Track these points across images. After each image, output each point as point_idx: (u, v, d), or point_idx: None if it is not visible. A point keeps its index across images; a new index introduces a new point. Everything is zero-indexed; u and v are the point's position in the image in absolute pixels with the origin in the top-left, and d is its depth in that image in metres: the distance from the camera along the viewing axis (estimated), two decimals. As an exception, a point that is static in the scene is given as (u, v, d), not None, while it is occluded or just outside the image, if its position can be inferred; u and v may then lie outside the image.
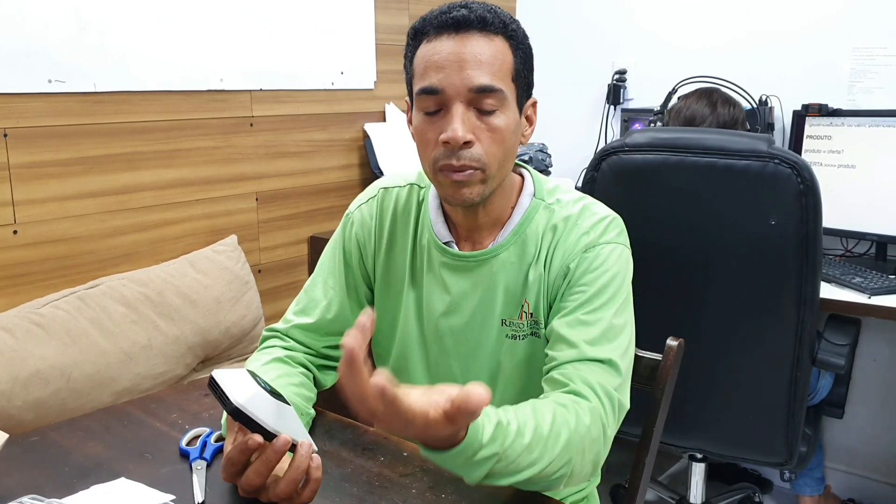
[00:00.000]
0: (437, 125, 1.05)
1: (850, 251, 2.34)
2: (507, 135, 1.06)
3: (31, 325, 1.61)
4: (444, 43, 1.03)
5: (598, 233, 1.12)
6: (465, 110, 1.03)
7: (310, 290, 1.26)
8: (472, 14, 1.03)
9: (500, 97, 1.04)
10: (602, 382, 1.02)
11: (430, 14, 1.07)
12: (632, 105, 2.82)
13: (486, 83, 1.02)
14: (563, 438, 0.93)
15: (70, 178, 1.80)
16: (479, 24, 1.03)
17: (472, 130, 1.03)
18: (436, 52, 1.04)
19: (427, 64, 1.04)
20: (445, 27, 1.04)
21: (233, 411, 0.88)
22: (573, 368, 1.03)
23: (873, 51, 2.33)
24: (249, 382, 0.93)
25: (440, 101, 1.04)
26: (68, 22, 1.75)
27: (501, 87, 1.04)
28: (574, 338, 1.05)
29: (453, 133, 1.02)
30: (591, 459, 0.99)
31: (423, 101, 1.05)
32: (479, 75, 1.02)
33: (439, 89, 1.03)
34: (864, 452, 2.49)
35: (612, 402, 1.02)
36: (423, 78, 1.05)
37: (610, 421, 1.01)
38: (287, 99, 2.26)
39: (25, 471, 1.03)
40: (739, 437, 1.80)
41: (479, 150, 1.04)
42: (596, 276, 1.09)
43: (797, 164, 1.54)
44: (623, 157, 1.69)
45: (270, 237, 2.28)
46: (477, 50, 1.03)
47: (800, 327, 1.64)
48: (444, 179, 1.06)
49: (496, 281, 1.14)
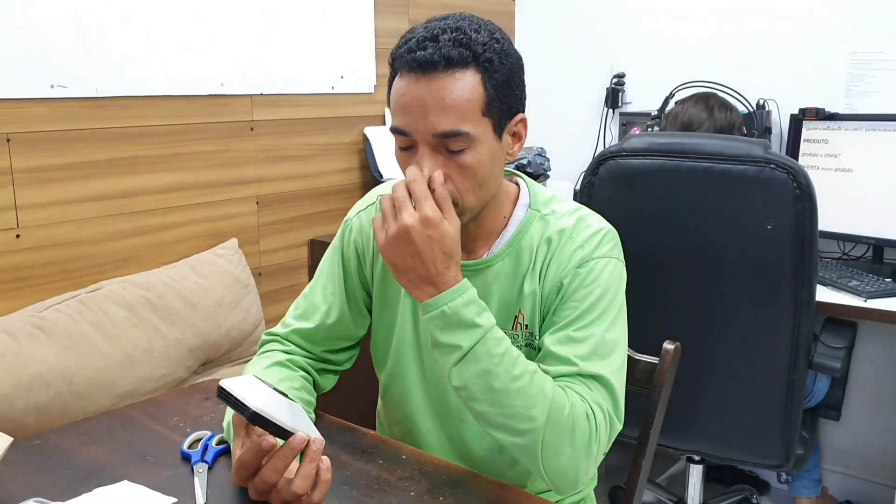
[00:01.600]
0: (410, 160, 1.05)
1: (848, 254, 2.35)
2: (480, 169, 1.05)
3: (32, 329, 1.63)
4: (410, 85, 1.02)
5: (593, 247, 1.12)
6: (432, 153, 1.03)
7: (309, 295, 1.26)
8: (436, 54, 1.00)
9: (466, 139, 1.02)
10: (595, 398, 1.04)
11: (403, 43, 1.05)
12: (630, 109, 2.83)
13: (450, 128, 1.01)
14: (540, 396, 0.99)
15: (72, 183, 1.81)
16: (444, 64, 1.00)
17: (443, 168, 1.03)
18: (403, 94, 1.03)
19: (396, 104, 1.04)
20: (409, 67, 1.02)
21: (251, 417, 0.90)
22: (564, 384, 1.04)
23: (870, 55, 2.34)
24: (260, 386, 0.95)
25: (408, 141, 1.04)
26: (70, 28, 1.76)
27: (467, 129, 1.01)
28: (563, 355, 1.06)
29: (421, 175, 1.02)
30: (568, 449, 1.00)
31: (397, 137, 1.06)
32: (443, 121, 1.00)
33: (406, 132, 1.03)
34: (861, 454, 2.50)
35: (605, 414, 1.04)
36: (394, 116, 1.05)
37: (601, 429, 1.03)
38: (287, 103, 2.27)
39: (29, 474, 1.05)
40: (736, 439, 1.81)
41: (452, 185, 1.04)
42: (588, 292, 1.09)
43: (793, 169, 1.55)
44: (620, 162, 1.70)
45: (271, 240, 2.29)
46: (441, 94, 1.00)
47: (796, 330, 1.65)
48: None
49: (490, 291, 1.14)
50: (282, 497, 0.92)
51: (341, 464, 1.07)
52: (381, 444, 1.14)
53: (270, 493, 0.93)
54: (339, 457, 1.09)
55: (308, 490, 0.91)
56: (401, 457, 1.10)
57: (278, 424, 0.91)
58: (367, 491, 1.01)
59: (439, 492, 1.01)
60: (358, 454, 1.10)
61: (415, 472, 1.06)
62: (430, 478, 1.05)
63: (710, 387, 1.77)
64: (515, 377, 0.99)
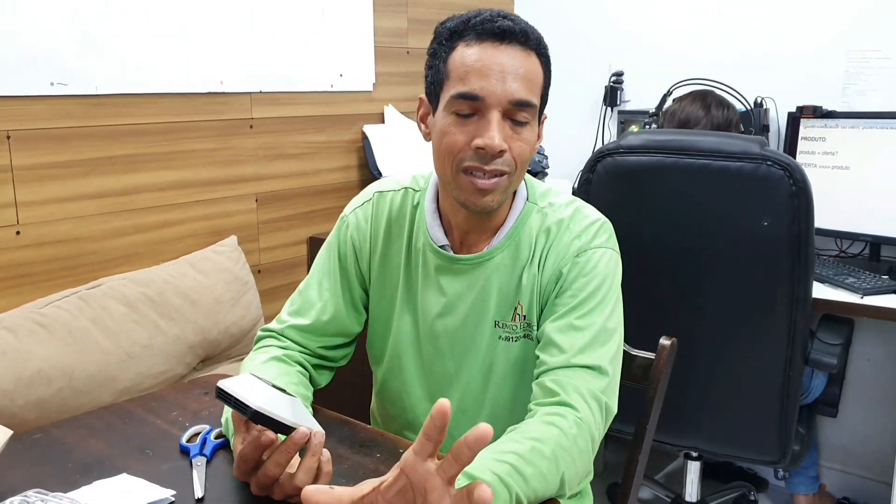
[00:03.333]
0: (469, 129, 1.06)
1: (845, 252, 2.36)
2: (532, 147, 1.10)
3: (33, 325, 1.63)
4: (487, 51, 1.05)
5: (590, 236, 1.14)
6: (502, 120, 1.06)
7: (304, 291, 1.27)
8: (516, 27, 1.06)
9: (532, 112, 1.08)
10: (591, 388, 1.05)
11: (469, 17, 1.08)
12: (628, 107, 2.84)
13: (525, 97, 1.06)
14: (560, 462, 0.96)
15: (72, 180, 1.82)
16: (521, 38, 1.06)
17: (506, 140, 1.06)
18: (479, 59, 1.05)
19: (468, 69, 1.05)
20: (488, 35, 1.06)
21: (253, 415, 0.90)
22: (563, 375, 1.05)
23: (867, 53, 2.35)
24: (259, 384, 0.95)
25: (477, 108, 1.06)
26: (69, 26, 1.77)
27: (535, 102, 1.08)
28: (565, 343, 1.08)
29: (491, 141, 1.04)
30: (582, 468, 1.02)
31: (458, 104, 1.06)
32: (520, 89, 1.05)
33: (480, 97, 1.04)
34: (859, 451, 2.51)
35: (601, 406, 1.05)
36: (462, 82, 1.06)
37: (599, 426, 1.05)
38: (286, 101, 2.28)
39: (29, 467, 1.05)
40: (733, 435, 1.81)
41: (509, 157, 1.07)
42: (587, 281, 1.12)
43: (789, 166, 1.56)
44: (618, 159, 1.71)
45: (270, 238, 2.30)
46: (518, 63, 1.06)
47: (792, 327, 1.66)
48: (469, 185, 1.08)
49: (490, 283, 1.16)
50: (284, 491, 0.92)
51: (339, 457, 1.07)
52: (379, 438, 1.14)
53: (273, 487, 0.93)
54: (337, 450, 1.09)
55: (310, 483, 0.92)
56: (398, 450, 1.10)
57: (280, 421, 0.91)
58: (364, 484, 1.01)
59: (436, 485, 1.02)
60: (356, 448, 1.11)
61: (412, 465, 1.07)
62: (427, 471, 1.05)
63: (706, 383, 1.77)
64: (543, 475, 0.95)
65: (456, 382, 1.21)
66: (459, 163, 1.07)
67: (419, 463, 0.76)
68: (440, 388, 1.22)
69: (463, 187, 1.09)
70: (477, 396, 1.20)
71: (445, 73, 1.09)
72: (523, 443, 0.95)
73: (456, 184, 1.10)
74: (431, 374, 1.22)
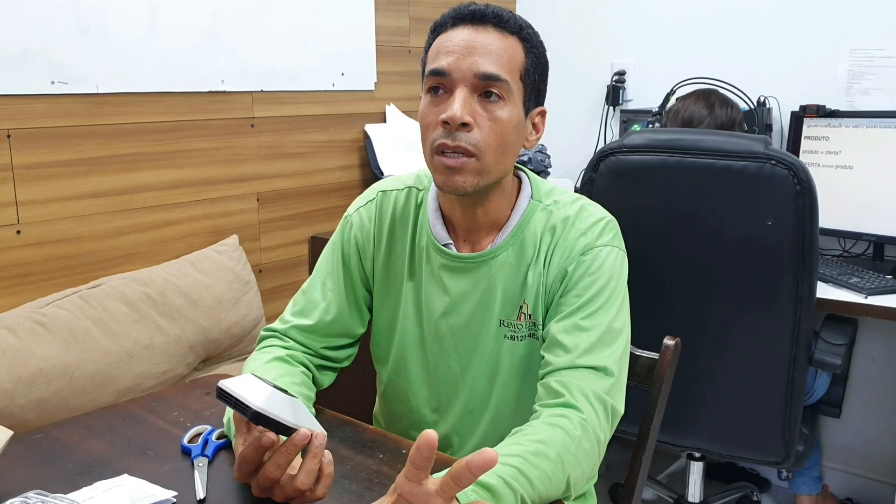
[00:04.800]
0: (439, 107, 1.07)
1: (848, 251, 2.35)
2: (508, 128, 1.08)
3: (33, 325, 1.63)
4: (459, 32, 1.08)
5: (596, 234, 1.13)
6: (469, 95, 1.06)
7: (308, 291, 1.26)
8: (488, 9, 1.08)
9: (504, 87, 1.06)
10: (596, 390, 1.04)
11: (450, 9, 1.11)
12: (631, 106, 2.83)
13: (492, 71, 1.05)
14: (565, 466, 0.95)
15: (72, 179, 1.81)
16: (494, 20, 1.07)
17: (473, 115, 1.05)
18: (449, 40, 1.08)
19: (439, 50, 1.08)
20: (462, 19, 1.09)
21: (254, 416, 0.89)
22: (568, 377, 1.04)
23: (870, 52, 2.34)
24: (259, 385, 0.94)
25: (445, 84, 1.07)
26: (70, 24, 1.76)
27: (507, 78, 1.06)
28: (570, 344, 1.07)
29: (452, 112, 1.04)
30: (588, 470, 1.00)
31: (429, 81, 1.08)
32: (486, 63, 1.05)
33: (446, 72, 1.06)
34: (862, 452, 2.50)
35: (606, 407, 1.04)
36: (433, 62, 1.08)
37: (604, 428, 1.04)
38: (288, 100, 2.27)
39: (29, 468, 1.05)
40: (736, 435, 1.81)
41: (478, 136, 1.05)
42: (593, 280, 1.10)
43: (793, 165, 1.55)
44: (621, 158, 1.70)
45: (271, 237, 2.29)
46: (489, 41, 1.06)
47: (796, 327, 1.65)
48: (439, 164, 1.08)
49: (495, 282, 1.15)
50: (285, 493, 0.91)
51: (342, 458, 1.07)
52: (382, 439, 1.14)
53: (273, 489, 0.92)
54: (340, 451, 1.09)
55: (311, 485, 0.91)
56: (401, 451, 1.10)
57: (281, 422, 0.90)
58: (367, 485, 1.01)
59: (439, 486, 1.01)
60: (358, 448, 1.10)
61: (415, 466, 1.06)
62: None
63: (710, 383, 1.77)
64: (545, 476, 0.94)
65: (461, 382, 1.20)
66: (432, 143, 1.08)
67: (416, 486, 0.76)
68: (445, 388, 1.21)
69: (436, 168, 1.09)
70: (482, 396, 1.19)
71: (425, 60, 1.12)
72: (528, 445, 0.94)
73: (431, 166, 1.10)
74: (437, 374, 1.21)
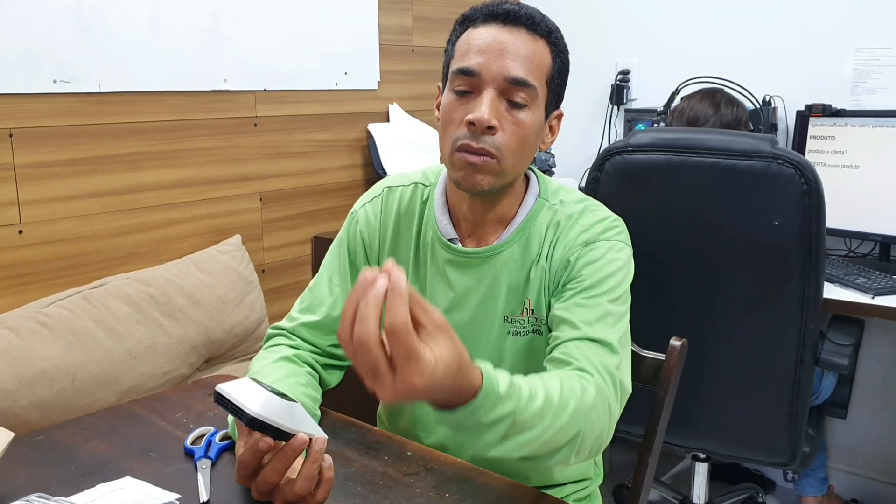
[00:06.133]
0: (465, 106, 1.07)
1: (854, 251, 2.34)
2: (530, 132, 1.08)
3: (35, 325, 1.62)
4: (490, 30, 1.07)
5: (599, 230, 1.13)
6: (496, 97, 1.05)
7: (315, 288, 1.26)
8: (521, 10, 1.07)
9: (531, 93, 1.06)
10: (603, 362, 1.02)
11: (481, 4, 1.10)
12: (635, 105, 2.82)
13: (522, 76, 1.05)
14: (571, 407, 0.92)
15: (75, 178, 1.81)
16: (527, 21, 1.07)
17: (498, 118, 1.05)
18: (480, 38, 1.07)
19: (469, 46, 1.07)
20: (494, 17, 1.08)
21: (250, 422, 0.88)
22: (574, 347, 1.03)
23: (877, 51, 2.33)
24: (257, 389, 0.92)
25: (473, 84, 1.06)
26: (72, 23, 1.75)
27: (535, 84, 1.06)
28: (574, 318, 1.06)
29: (480, 115, 1.04)
30: (597, 435, 0.98)
31: (457, 80, 1.08)
32: (517, 67, 1.05)
33: (476, 72, 1.05)
34: (867, 453, 2.49)
35: (614, 380, 1.02)
36: (462, 59, 1.07)
37: (613, 398, 1.01)
38: (291, 99, 2.26)
39: (31, 469, 1.04)
40: (742, 436, 1.80)
41: (501, 139, 1.06)
42: (596, 269, 1.10)
43: (800, 165, 1.54)
44: (626, 158, 1.69)
45: (274, 237, 2.29)
46: (519, 43, 1.06)
47: (803, 327, 1.64)
48: (460, 161, 1.07)
49: (499, 278, 1.15)
50: (284, 497, 0.91)
51: (346, 460, 1.06)
52: (387, 440, 1.13)
53: (273, 493, 0.92)
54: (344, 453, 1.08)
55: (311, 490, 0.90)
56: (406, 452, 1.09)
57: (278, 427, 0.89)
58: (371, 487, 1.00)
59: (445, 488, 1.00)
60: (363, 450, 1.09)
61: (420, 468, 1.05)
62: (435, 474, 1.04)
63: (716, 384, 1.76)
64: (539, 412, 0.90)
65: None
66: (455, 141, 1.07)
67: None
68: None
69: (455, 165, 1.09)
70: None
71: (452, 54, 1.11)
72: (537, 380, 0.92)
73: (451, 162, 1.10)
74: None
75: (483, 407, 0.81)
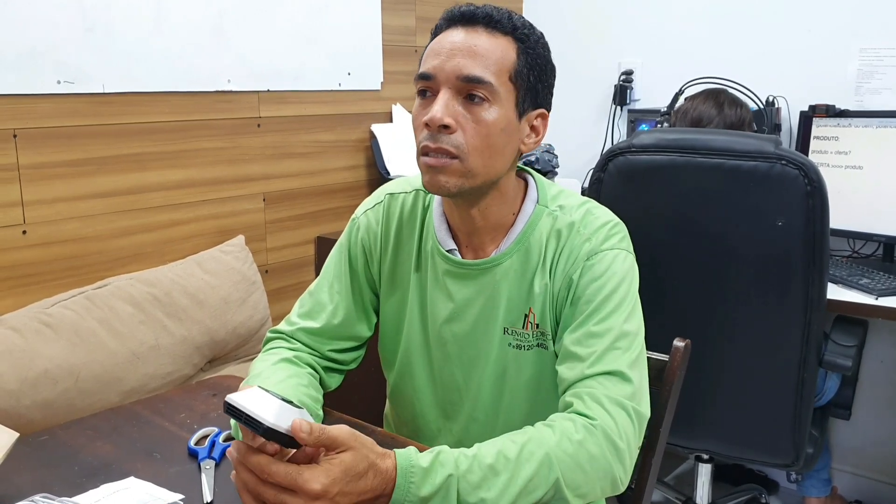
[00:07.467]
0: (425, 110, 1.06)
1: (858, 252, 2.34)
2: (494, 130, 1.05)
3: (39, 325, 1.62)
4: (451, 34, 1.07)
5: (601, 239, 1.10)
6: (452, 97, 1.05)
7: (315, 293, 1.25)
8: (478, 10, 1.06)
9: (488, 89, 1.04)
10: (611, 395, 1.00)
11: (444, 11, 1.11)
12: (638, 106, 2.82)
13: (475, 74, 1.03)
14: (538, 456, 0.93)
15: (78, 179, 1.81)
16: (484, 20, 1.06)
17: (455, 117, 1.04)
18: (438, 42, 1.07)
19: (428, 53, 1.08)
20: (454, 20, 1.08)
21: (266, 432, 0.87)
22: (582, 387, 1.02)
23: (880, 52, 2.32)
24: (269, 399, 0.92)
25: (431, 87, 1.07)
26: (75, 23, 1.76)
27: (491, 80, 1.04)
28: (583, 353, 1.04)
29: (433, 114, 1.03)
30: (598, 476, 0.96)
31: (419, 85, 1.08)
32: (470, 65, 1.04)
33: (431, 75, 1.05)
34: (871, 454, 2.49)
35: (627, 412, 1.00)
36: (422, 65, 1.08)
37: (626, 433, 0.99)
38: (294, 100, 2.27)
39: (35, 470, 1.04)
40: (746, 437, 1.79)
41: (460, 138, 1.04)
42: (601, 285, 1.07)
43: (804, 165, 1.54)
44: (630, 158, 1.69)
45: (277, 237, 2.29)
46: (475, 41, 1.05)
47: (807, 328, 1.64)
48: (423, 164, 1.07)
49: (499, 289, 1.13)
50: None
51: (349, 461, 1.06)
52: (391, 442, 1.13)
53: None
54: (347, 454, 1.08)
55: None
56: (409, 454, 1.09)
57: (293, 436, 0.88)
58: (375, 488, 1.00)
59: (448, 489, 1.00)
60: (366, 451, 1.09)
61: (423, 469, 1.05)
62: (438, 475, 1.03)
63: (719, 385, 1.75)
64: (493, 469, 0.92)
65: (465, 390, 1.18)
66: (419, 145, 1.07)
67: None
68: (449, 394, 1.20)
69: (421, 169, 1.09)
70: (489, 405, 1.17)
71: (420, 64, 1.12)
72: (507, 442, 0.95)
73: (419, 168, 1.10)
74: (441, 380, 1.20)
75: (412, 482, 0.87)
